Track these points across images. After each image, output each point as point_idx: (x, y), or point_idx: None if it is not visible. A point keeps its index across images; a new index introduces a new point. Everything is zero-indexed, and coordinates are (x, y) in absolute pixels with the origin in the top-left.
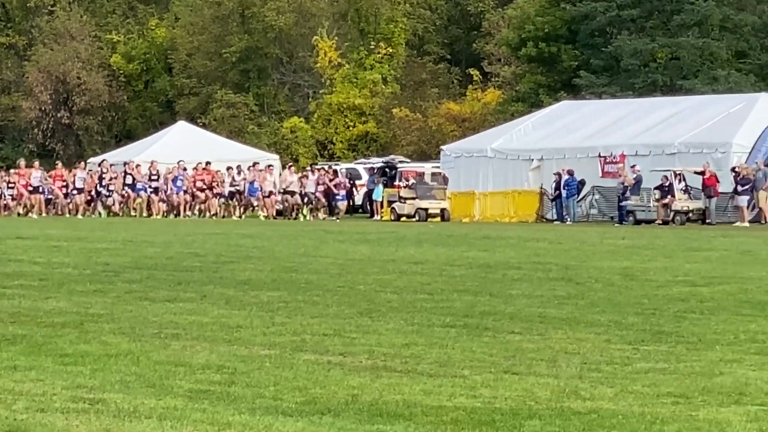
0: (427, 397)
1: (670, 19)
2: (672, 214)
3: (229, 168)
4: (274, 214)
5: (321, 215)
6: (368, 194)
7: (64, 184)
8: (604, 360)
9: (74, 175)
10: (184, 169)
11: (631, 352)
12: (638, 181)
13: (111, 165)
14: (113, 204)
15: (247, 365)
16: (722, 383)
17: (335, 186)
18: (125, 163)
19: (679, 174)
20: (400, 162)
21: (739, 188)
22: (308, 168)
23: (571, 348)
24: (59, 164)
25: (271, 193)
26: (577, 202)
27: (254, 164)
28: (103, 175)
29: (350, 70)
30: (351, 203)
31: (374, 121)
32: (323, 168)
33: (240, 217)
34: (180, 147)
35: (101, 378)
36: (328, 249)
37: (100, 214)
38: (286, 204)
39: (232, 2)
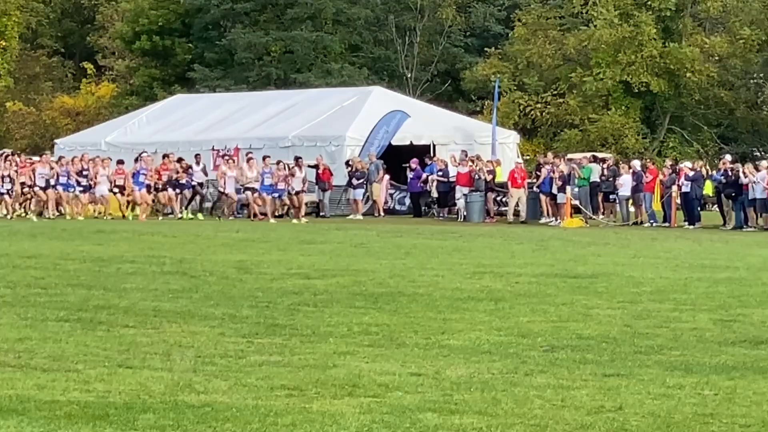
0: (41, 391)
1: (283, 12)
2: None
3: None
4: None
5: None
6: None
7: None
8: (219, 353)
9: None
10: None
11: (246, 345)
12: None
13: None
14: None
15: None
16: (336, 375)
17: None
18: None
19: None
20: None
21: (354, 181)
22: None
23: (185, 341)
24: None
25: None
26: None
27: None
28: None
29: None
30: None
31: None
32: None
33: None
34: None
35: None
36: None
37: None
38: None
39: None
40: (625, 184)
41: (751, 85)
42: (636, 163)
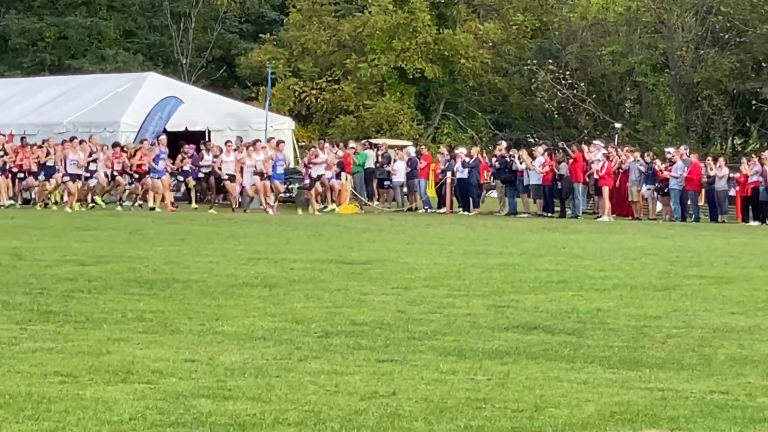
0: None
1: None
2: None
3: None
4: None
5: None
6: None
7: None
8: None
9: None
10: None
11: (19, 332)
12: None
13: None
14: None
15: None
16: (110, 362)
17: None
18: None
19: None
20: None
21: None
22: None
23: None
24: None
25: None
26: None
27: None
28: None
29: None
30: None
31: None
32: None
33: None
34: None
35: None
36: None
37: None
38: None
39: None
40: (399, 170)
41: (524, 71)
42: (410, 150)
